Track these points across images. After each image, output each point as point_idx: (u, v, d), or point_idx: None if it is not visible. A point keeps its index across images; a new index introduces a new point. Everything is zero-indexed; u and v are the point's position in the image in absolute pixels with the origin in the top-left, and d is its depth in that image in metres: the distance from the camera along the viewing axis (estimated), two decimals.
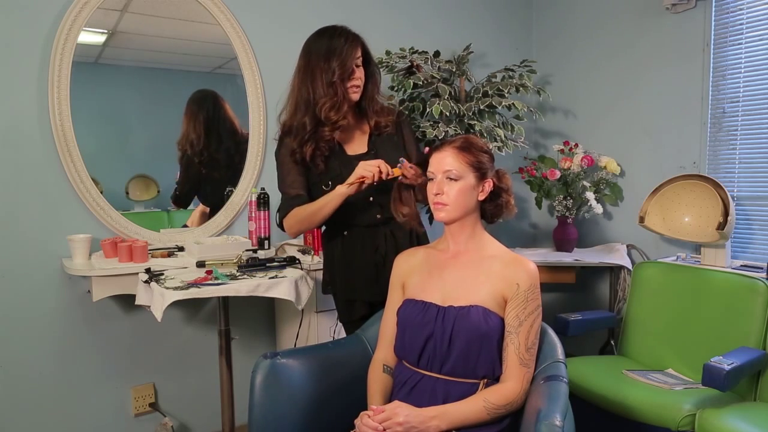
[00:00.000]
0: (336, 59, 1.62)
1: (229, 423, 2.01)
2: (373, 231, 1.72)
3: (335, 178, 1.68)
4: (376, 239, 1.72)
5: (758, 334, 1.97)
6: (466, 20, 3.06)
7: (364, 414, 1.28)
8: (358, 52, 1.66)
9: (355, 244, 1.72)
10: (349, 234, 1.74)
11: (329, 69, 1.62)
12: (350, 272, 1.74)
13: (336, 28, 1.68)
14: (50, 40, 2.03)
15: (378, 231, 1.72)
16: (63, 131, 2.05)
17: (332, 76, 1.62)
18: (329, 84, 1.62)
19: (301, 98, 1.66)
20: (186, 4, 2.28)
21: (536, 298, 1.34)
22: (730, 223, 2.21)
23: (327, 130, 1.65)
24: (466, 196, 1.37)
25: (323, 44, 1.65)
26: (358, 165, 1.60)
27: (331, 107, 1.62)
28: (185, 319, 2.37)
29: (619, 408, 1.88)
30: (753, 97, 2.38)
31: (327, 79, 1.62)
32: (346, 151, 1.74)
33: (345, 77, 1.64)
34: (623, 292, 2.62)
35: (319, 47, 1.65)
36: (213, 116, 2.40)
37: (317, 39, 1.68)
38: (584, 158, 2.75)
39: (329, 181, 1.69)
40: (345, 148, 1.74)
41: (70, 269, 1.94)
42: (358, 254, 1.72)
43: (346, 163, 1.69)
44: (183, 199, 2.37)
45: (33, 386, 2.08)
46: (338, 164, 1.70)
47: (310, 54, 1.66)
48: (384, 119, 1.75)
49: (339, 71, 1.61)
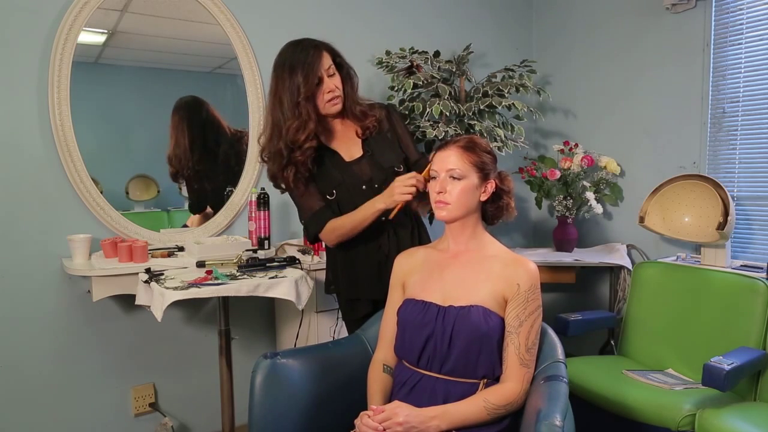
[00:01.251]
0: (300, 74, 1.56)
1: (229, 423, 2.02)
2: (376, 230, 1.71)
3: (338, 186, 1.67)
4: (379, 237, 1.71)
5: (758, 334, 1.97)
6: (466, 20, 3.06)
7: (364, 414, 1.29)
8: (325, 61, 1.60)
9: (358, 243, 1.71)
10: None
11: (294, 86, 1.56)
12: (353, 271, 1.74)
13: (299, 42, 1.62)
14: (50, 40, 2.03)
15: (381, 229, 1.71)
16: (63, 131, 2.05)
17: (297, 96, 1.56)
18: (294, 105, 1.57)
19: (274, 122, 1.62)
20: (186, 4, 2.27)
21: (537, 299, 1.34)
22: (730, 223, 2.21)
23: (298, 154, 1.60)
24: (468, 195, 1.37)
25: (287, 61, 1.59)
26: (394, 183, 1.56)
27: (297, 129, 1.57)
28: (185, 319, 2.37)
29: (619, 408, 1.88)
30: (753, 97, 2.38)
31: (293, 100, 1.57)
32: (344, 158, 1.71)
33: (310, 94, 1.58)
34: (623, 292, 2.62)
35: (283, 65, 1.59)
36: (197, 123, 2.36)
37: (281, 57, 1.62)
38: (584, 158, 2.75)
39: (333, 190, 1.68)
40: (342, 155, 1.71)
41: (70, 269, 1.94)
42: (361, 253, 1.72)
43: (346, 170, 1.68)
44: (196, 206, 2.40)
45: (33, 386, 2.08)
46: (338, 172, 1.69)
47: (276, 74, 1.62)
48: (368, 121, 1.71)
49: (304, 87, 1.56)
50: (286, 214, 2.52)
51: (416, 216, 1.81)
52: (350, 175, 1.68)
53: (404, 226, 1.74)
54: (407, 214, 1.75)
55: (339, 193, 1.67)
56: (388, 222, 1.69)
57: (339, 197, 1.68)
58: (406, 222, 1.75)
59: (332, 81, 1.62)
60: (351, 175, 1.68)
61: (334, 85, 1.63)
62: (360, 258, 1.72)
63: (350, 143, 1.73)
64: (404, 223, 1.74)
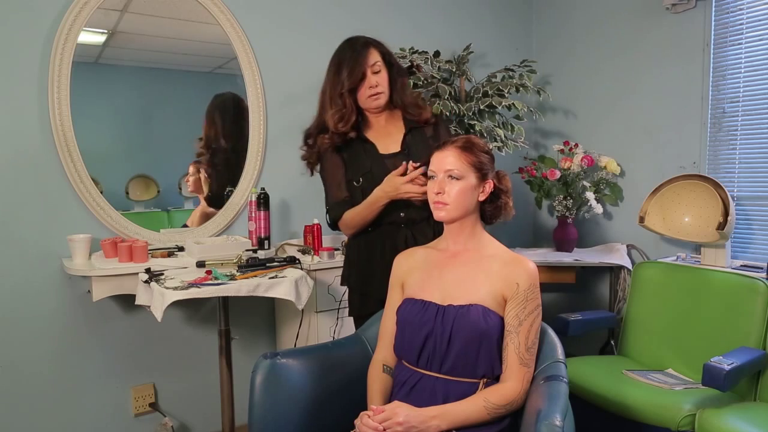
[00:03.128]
0: (345, 70, 1.66)
1: (229, 423, 2.02)
2: (395, 230, 1.72)
3: (366, 174, 1.71)
4: (397, 239, 1.72)
5: (758, 334, 1.97)
6: (466, 20, 3.06)
7: (364, 414, 1.29)
8: (371, 57, 1.68)
9: (376, 242, 1.74)
10: (372, 231, 1.74)
11: (339, 81, 1.67)
12: (368, 268, 1.75)
13: (350, 39, 1.73)
14: (50, 40, 2.03)
15: (399, 231, 1.72)
16: (63, 131, 2.05)
17: (341, 88, 1.66)
18: (339, 96, 1.67)
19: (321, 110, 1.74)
20: (186, 4, 2.28)
21: (536, 298, 1.34)
22: (730, 223, 2.21)
23: (326, 137, 1.71)
24: (467, 196, 1.37)
25: (336, 57, 1.71)
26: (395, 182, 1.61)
27: (339, 119, 1.67)
28: (185, 319, 2.37)
29: (619, 408, 1.88)
30: (753, 97, 2.38)
31: (337, 91, 1.67)
32: (379, 150, 1.75)
33: (354, 87, 1.67)
34: (623, 292, 2.62)
35: (334, 60, 1.71)
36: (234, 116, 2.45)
37: (336, 52, 1.73)
38: (584, 158, 2.75)
39: (360, 178, 1.72)
40: (377, 147, 1.75)
41: (70, 269, 1.94)
42: (378, 252, 1.73)
43: (378, 162, 1.73)
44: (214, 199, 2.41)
45: (33, 386, 2.08)
46: (370, 162, 1.73)
47: (329, 67, 1.72)
48: (415, 111, 1.77)
49: (348, 82, 1.65)
50: (286, 214, 2.52)
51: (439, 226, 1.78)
52: (380, 167, 1.71)
53: (424, 233, 1.71)
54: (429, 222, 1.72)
55: (365, 181, 1.71)
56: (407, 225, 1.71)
57: (364, 186, 1.71)
58: (427, 230, 1.72)
59: (376, 77, 1.69)
60: (382, 167, 1.71)
61: (377, 81, 1.69)
62: (376, 256, 1.73)
63: (389, 139, 1.77)
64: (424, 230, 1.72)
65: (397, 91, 1.75)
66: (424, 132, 1.79)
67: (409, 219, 1.71)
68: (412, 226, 1.72)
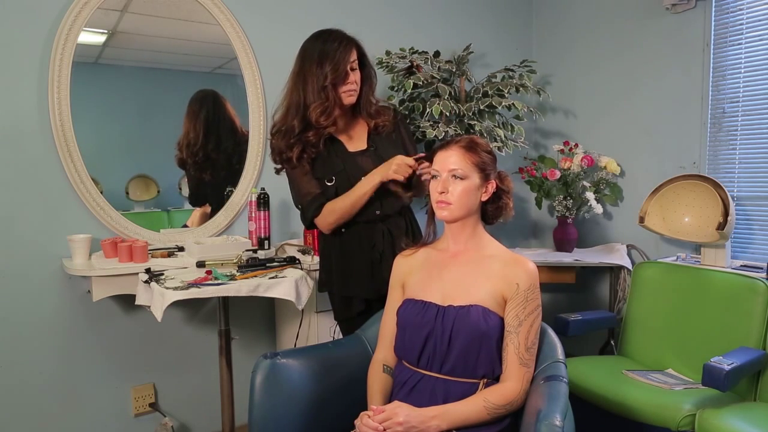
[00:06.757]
0: (329, 63, 1.64)
1: (229, 423, 2.02)
2: (371, 227, 1.74)
3: (339, 173, 1.72)
4: (374, 236, 1.74)
5: (758, 334, 1.97)
6: (466, 20, 3.06)
7: (364, 414, 1.29)
8: (352, 55, 1.68)
9: (352, 241, 1.74)
10: (347, 231, 1.76)
11: (321, 73, 1.65)
12: (347, 269, 1.75)
13: (331, 32, 1.70)
14: (50, 40, 2.02)
15: (376, 228, 1.74)
16: (63, 131, 2.05)
17: (324, 81, 1.64)
18: (321, 88, 1.65)
19: (293, 102, 1.70)
20: (186, 4, 2.28)
21: (536, 298, 1.34)
22: (730, 223, 2.21)
23: (311, 134, 1.68)
24: (470, 195, 1.37)
25: (317, 48, 1.67)
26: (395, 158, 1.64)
27: (321, 112, 1.66)
28: (185, 319, 2.37)
29: (619, 408, 1.88)
30: (753, 97, 2.38)
31: (319, 84, 1.65)
32: (347, 148, 1.77)
33: (337, 82, 1.66)
34: (623, 292, 2.62)
35: (313, 51, 1.67)
36: (213, 116, 2.39)
37: (312, 43, 1.69)
38: (584, 158, 2.75)
39: (332, 177, 1.72)
40: (346, 145, 1.77)
41: (70, 269, 1.94)
42: (356, 251, 1.74)
43: (348, 159, 1.74)
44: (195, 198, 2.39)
45: (33, 386, 2.08)
46: (340, 161, 1.74)
47: (304, 58, 1.69)
48: (381, 119, 1.79)
49: (331, 76, 1.64)
50: (286, 214, 2.52)
51: (411, 216, 1.85)
52: (352, 165, 1.73)
53: (399, 226, 1.77)
54: (402, 214, 1.80)
55: (338, 180, 1.72)
56: (383, 221, 1.73)
57: (338, 184, 1.72)
58: (401, 222, 1.79)
59: (354, 75, 1.69)
60: (353, 164, 1.73)
61: (354, 79, 1.69)
62: (355, 256, 1.74)
63: (355, 137, 1.79)
64: (399, 223, 1.78)
65: (365, 93, 1.76)
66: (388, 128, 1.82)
67: (385, 215, 1.73)
68: (386, 220, 1.74)
